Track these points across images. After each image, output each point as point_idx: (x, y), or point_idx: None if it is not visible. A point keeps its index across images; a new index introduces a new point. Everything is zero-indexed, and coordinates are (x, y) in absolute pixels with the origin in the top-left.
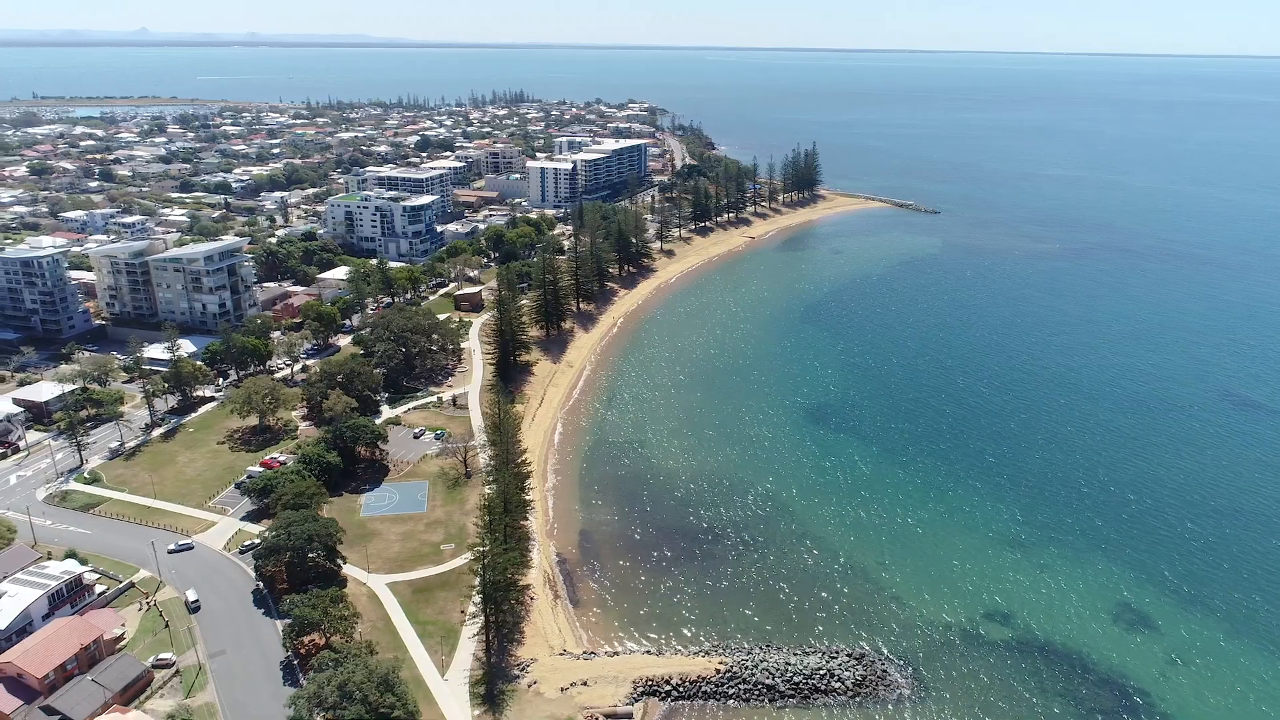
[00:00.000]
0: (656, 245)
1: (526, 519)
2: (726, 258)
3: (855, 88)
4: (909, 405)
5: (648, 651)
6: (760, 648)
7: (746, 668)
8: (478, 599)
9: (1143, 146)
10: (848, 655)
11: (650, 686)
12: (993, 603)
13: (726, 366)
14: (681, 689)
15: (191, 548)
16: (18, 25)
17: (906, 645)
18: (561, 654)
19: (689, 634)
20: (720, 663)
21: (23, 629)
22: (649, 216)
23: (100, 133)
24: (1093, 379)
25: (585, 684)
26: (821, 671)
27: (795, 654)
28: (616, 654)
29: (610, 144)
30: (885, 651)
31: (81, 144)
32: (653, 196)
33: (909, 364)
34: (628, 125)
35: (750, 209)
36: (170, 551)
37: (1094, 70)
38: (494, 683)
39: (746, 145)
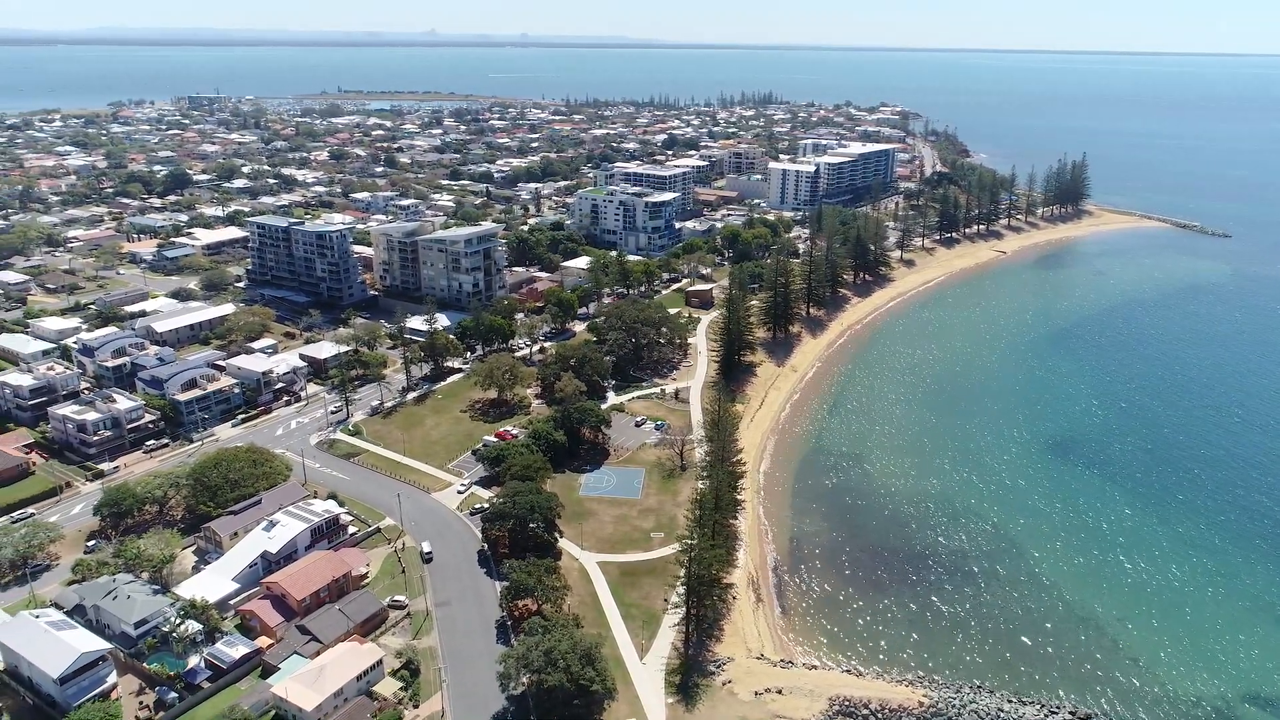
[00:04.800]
0: (896, 254)
1: (736, 518)
2: (972, 272)
3: (1114, 93)
4: (1177, 450)
5: (847, 670)
6: (971, 687)
7: (954, 706)
8: (681, 590)
9: None
10: (1070, 712)
11: (847, 707)
12: (1261, 682)
13: (963, 387)
14: (880, 715)
15: (473, 484)
16: (329, 28)
17: (1143, 713)
18: (759, 658)
19: (894, 660)
20: (925, 695)
21: (289, 555)
22: (891, 224)
23: (388, 124)
24: None
25: (780, 692)
26: None
27: (1010, 701)
28: (815, 667)
29: (856, 148)
30: (1116, 714)
31: (373, 133)
32: (897, 203)
33: (1181, 404)
34: (877, 129)
35: (1003, 222)
36: (458, 492)
37: None
38: (689, 675)
39: (1005, 154)
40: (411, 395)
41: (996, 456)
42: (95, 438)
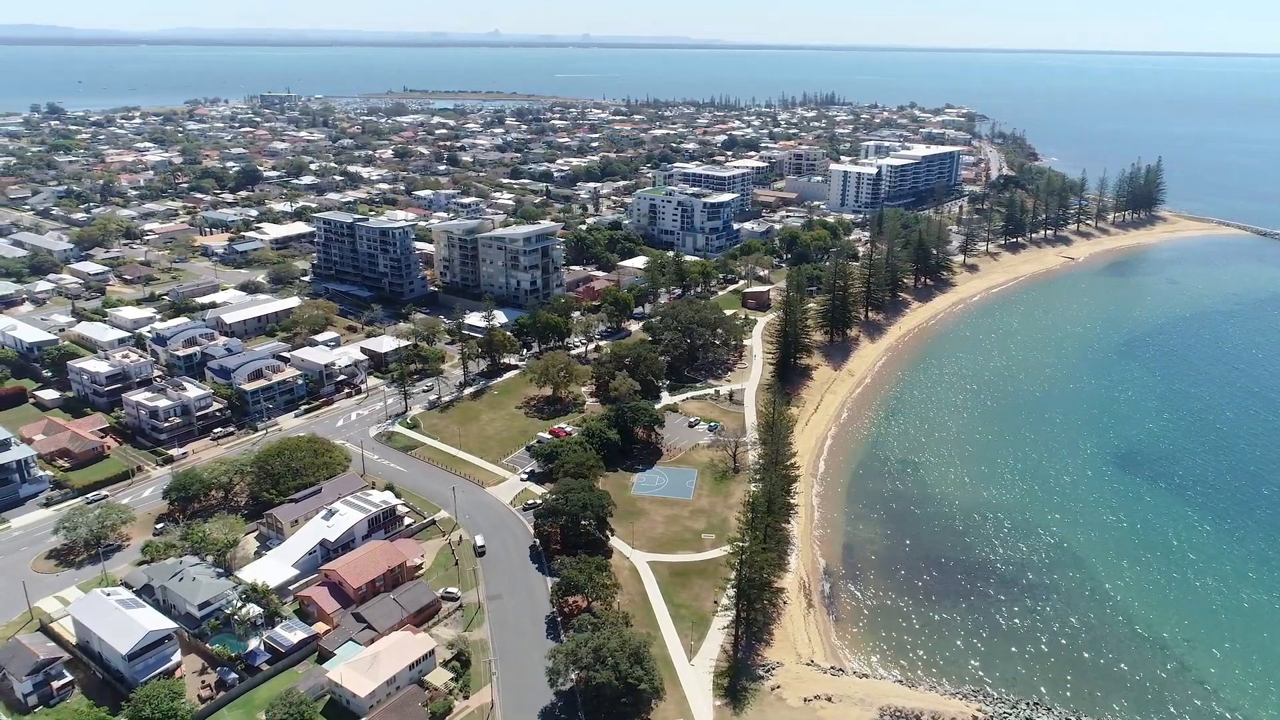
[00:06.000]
0: (959, 259)
1: (789, 522)
2: (1039, 278)
3: (1190, 96)
4: (1257, 466)
5: (899, 681)
6: (1028, 703)
7: None
8: (732, 593)
9: None
10: None
11: (898, 718)
12: None
13: (1026, 395)
14: None
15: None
16: (397, 29)
17: None
18: (809, 664)
19: (948, 671)
20: (979, 710)
21: (347, 544)
22: (954, 228)
23: (451, 123)
24: None
25: (829, 699)
26: None
27: (1069, 719)
28: (866, 676)
29: (920, 150)
30: None
31: (436, 132)
32: (960, 207)
33: (1263, 419)
34: (941, 131)
35: (1072, 227)
36: (521, 480)
37: None
38: (738, 678)
39: (1076, 158)
40: (468, 390)
41: (1062, 467)
42: (166, 424)
